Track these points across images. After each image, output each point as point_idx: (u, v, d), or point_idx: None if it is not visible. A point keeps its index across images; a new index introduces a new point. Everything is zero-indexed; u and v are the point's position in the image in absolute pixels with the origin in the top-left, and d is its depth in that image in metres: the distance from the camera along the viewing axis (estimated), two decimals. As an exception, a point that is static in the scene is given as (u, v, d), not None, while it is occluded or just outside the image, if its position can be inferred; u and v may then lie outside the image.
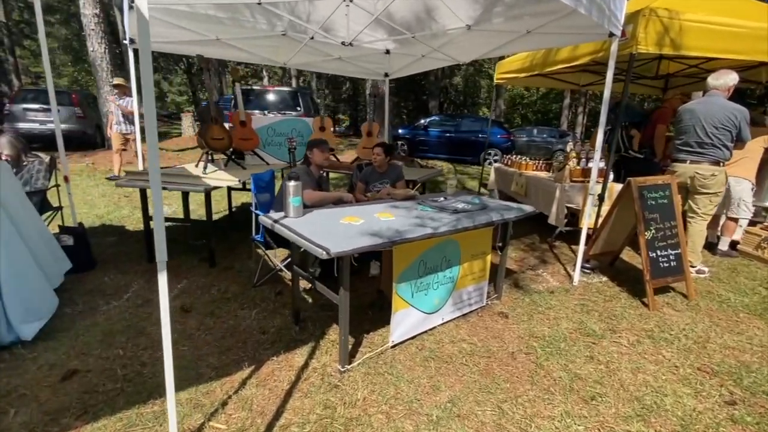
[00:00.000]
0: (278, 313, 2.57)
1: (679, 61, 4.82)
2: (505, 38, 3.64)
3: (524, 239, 4.46)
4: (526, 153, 16.21)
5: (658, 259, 2.94)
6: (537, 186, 4.45)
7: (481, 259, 2.68)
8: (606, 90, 2.91)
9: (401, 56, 4.98)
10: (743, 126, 3.13)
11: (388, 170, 3.58)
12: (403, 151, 11.28)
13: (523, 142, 16.76)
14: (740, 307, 2.94)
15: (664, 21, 3.06)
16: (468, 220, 2.34)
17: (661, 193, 3.02)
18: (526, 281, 3.31)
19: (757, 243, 3.97)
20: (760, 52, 3.26)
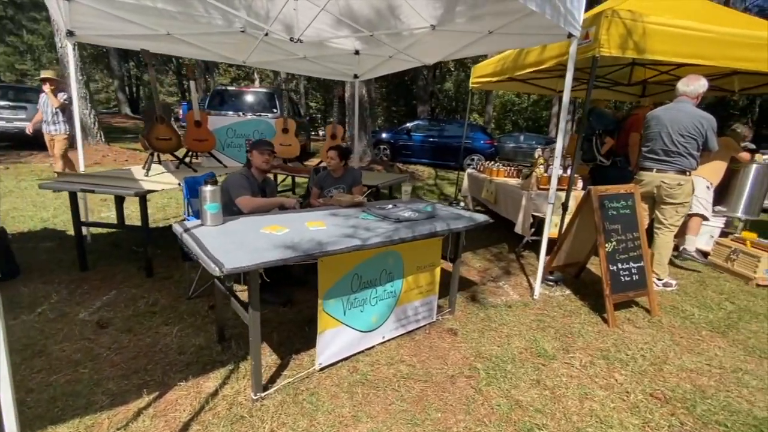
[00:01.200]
0: (204, 331, 2.36)
1: (651, 67, 4.73)
2: (468, 39, 3.50)
3: (492, 248, 4.30)
4: (513, 159, 16.22)
5: (619, 273, 2.79)
6: (506, 193, 4.30)
7: (429, 272, 2.50)
8: (565, 94, 2.76)
9: (370, 57, 4.82)
10: (710, 135, 3.01)
11: (344, 175, 3.39)
12: (385, 155, 11.12)
13: (510, 148, 16.76)
14: (704, 323, 2.79)
15: (627, 23, 2.93)
16: (408, 230, 2.16)
17: (623, 203, 2.87)
18: (485, 294, 3.14)
19: (726, 255, 3.86)
20: (728, 58, 3.15)
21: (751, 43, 3.13)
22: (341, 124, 4.84)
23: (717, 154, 3.86)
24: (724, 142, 3.96)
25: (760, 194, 4.22)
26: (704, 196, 3.90)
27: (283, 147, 4.51)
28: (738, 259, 3.74)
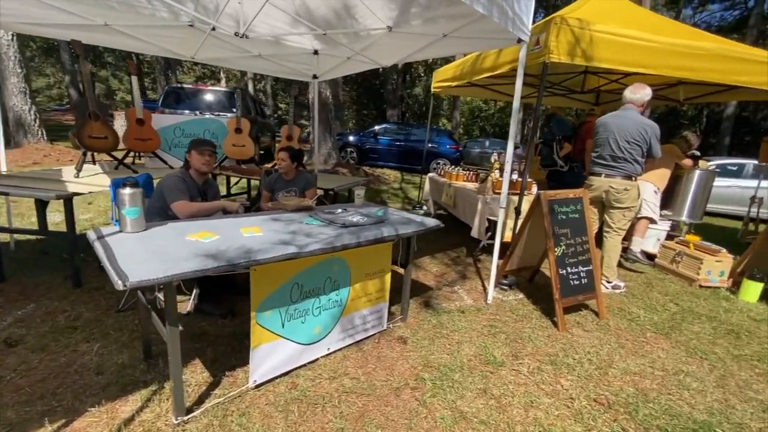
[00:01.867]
0: (129, 347, 2.15)
1: (603, 76, 4.89)
2: (423, 41, 3.45)
3: (450, 252, 4.28)
4: (479, 164, 16.53)
5: (568, 277, 2.81)
6: (463, 197, 4.30)
7: (379, 279, 2.41)
8: (515, 99, 2.75)
9: (329, 57, 4.70)
10: (653, 142, 3.11)
11: (296, 177, 3.26)
12: (352, 158, 11.00)
13: (476, 153, 17.07)
14: (648, 325, 2.86)
15: (575, 31, 2.98)
16: (352, 236, 2.05)
17: (572, 207, 2.90)
18: (439, 299, 3.08)
19: (671, 257, 4.02)
20: (672, 68, 3.27)
21: (694, 53, 3.27)
22: (297, 125, 4.65)
23: (662, 161, 4.02)
24: (668, 149, 4.14)
25: (702, 199, 4.43)
26: (652, 200, 4.05)
27: (235, 148, 4.31)
28: (682, 262, 3.89)
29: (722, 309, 3.24)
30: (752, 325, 2.96)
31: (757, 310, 3.27)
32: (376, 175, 8.97)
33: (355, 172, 8.51)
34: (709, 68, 3.31)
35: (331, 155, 8.60)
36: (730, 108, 18.18)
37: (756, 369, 2.37)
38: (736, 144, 19.44)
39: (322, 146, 8.48)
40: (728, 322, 3.00)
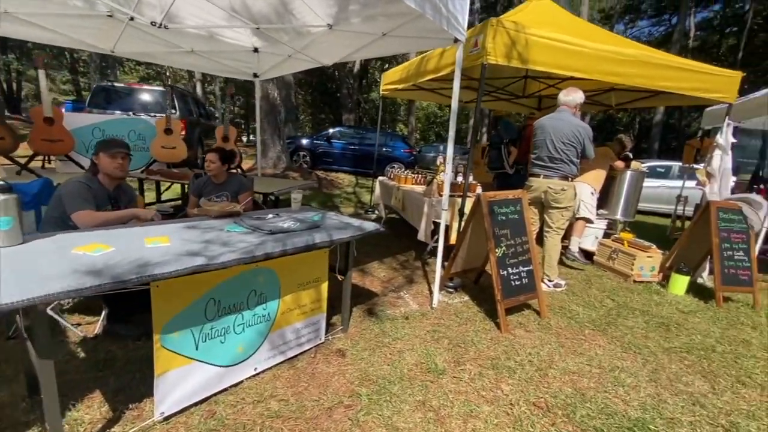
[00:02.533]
0: (15, 381, 1.82)
1: (542, 80, 5.06)
2: (364, 40, 3.36)
3: (399, 256, 4.19)
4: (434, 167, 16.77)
5: (509, 277, 2.80)
6: (411, 200, 4.24)
7: (314, 289, 2.24)
8: (453, 101, 2.71)
9: (270, 56, 4.49)
10: (587, 143, 3.20)
11: (228, 181, 3.02)
12: (305, 162, 10.71)
13: (431, 157, 17.30)
14: (587, 322, 2.91)
15: (511, 33, 3.01)
16: (277, 243, 1.88)
17: (511, 208, 2.90)
18: (384, 306, 2.96)
19: (608, 255, 4.19)
20: (602, 73, 3.39)
21: (621, 59, 3.42)
22: (234, 125, 4.37)
23: (598, 162, 4.20)
24: (603, 152, 4.33)
25: (634, 198, 4.69)
26: (589, 201, 4.20)
27: (165, 150, 3.96)
28: (618, 258, 4.07)
29: (654, 303, 3.39)
30: (680, 318, 3.11)
31: (685, 302, 3.45)
32: (329, 179, 8.77)
33: (306, 176, 8.26)
34: (635, 74, 3.48)
35: (281, 159, 8.29)
36: (658, 115, 19.87)
37: (685, 361, 2.46)
38: (665, 148, 21.24)
39: (271, 149, 8.15)
40: (659, 315, 3.13)
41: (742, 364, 2.48)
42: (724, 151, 3.92)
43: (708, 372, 2.35)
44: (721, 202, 3.70)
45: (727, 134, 3.89)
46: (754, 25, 20.86)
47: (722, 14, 22.80)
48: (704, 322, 3.08)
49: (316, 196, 7.27)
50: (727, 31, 22.90)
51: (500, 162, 4.70)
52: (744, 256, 3.55)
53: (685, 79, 3.65)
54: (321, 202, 6.85)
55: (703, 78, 3.72)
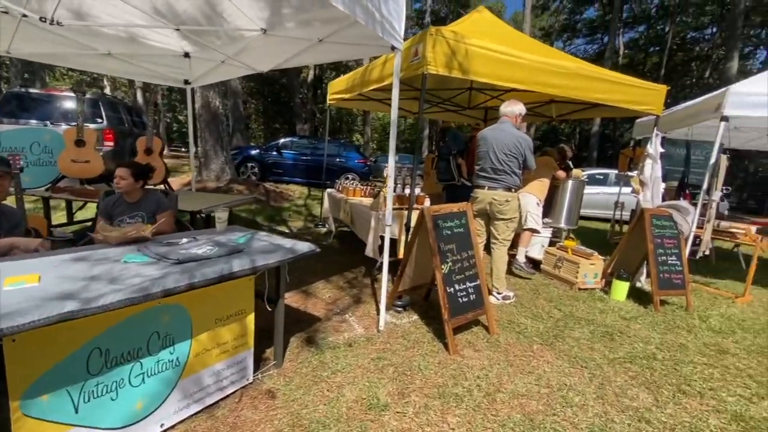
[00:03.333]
0: None
1: (485, 92, 5.12)
2: (300, 46, 3.16)
3: (348, 273, 3.98)
4: (390, 177, 16.75)
5: (456, 294, 2.68)
6: (358, 214, 4.05)
7: (238, 323, 1.97)
8: (393, 110, 2.57)
9: (202, 61, 4.15)
10: (528, 154, 3.20)
11: (143, 200, 2.66)
12: (254, 174, 10.21)
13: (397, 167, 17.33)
14: (535, 336, 2.85)
15: (451, 43, 2.94)
16: (182, 276, 1.60)
17: (456, 222, 2.80)
18: (327, 332, 2.73)
19: (554, 263, 4.24)
20: (540, 84, 3.43)
21: (558, 71, 3.48)
22: (158, 136, 3.96)
23: (541, 172, 4.26)
24: (546, 161, 4.42)
25: (576, 206, 4.82)
26: (535, 212, 4.25)
27: (76, 164, 3.48)
28: (563, 267, 4.12)
29: (598, 311, 3.43)
30: (623, 325, 3.15)
31: (627, 308, 3.53)
32: (279, 192, 8.38)
33: (253, 189, 7.83)
34: (571, 86, 3.56)
35: (225, 171, 7.81)
36: (595, 126, 21.36)
37: (629, 372, 2.44)
38: (603, 156, 22.82)
39: (213, 161, 7.65)
40: (603, 323, 3.15)
41: (681, 370, 2.51)
42: (654, 160, 4.12)
43: (651, 382, 2.34)
44: (654, 209, 3.86)
45: (656, 144, 4.10)
46: (673, 45, 23.21)
47: (646, 35, 25.16)
48: (644, 328, 3.14)
49: (263, 210, 6.89)
50: (650, 50, 25.28)
51: (449, 174, 4.66)
52: (676, 260, 3.71)
53: (617, 92, 3.80)
54: (268, 216, 6.48)
55: (633, 91, 3.90)
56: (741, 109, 3.75)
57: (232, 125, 14.22)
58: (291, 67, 19.28)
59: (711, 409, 2.12)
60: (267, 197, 7.65)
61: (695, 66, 24.44)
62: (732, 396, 2.26)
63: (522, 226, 4.23)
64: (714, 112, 3.96)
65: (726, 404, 2.17)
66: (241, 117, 14.11)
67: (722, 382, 2.41)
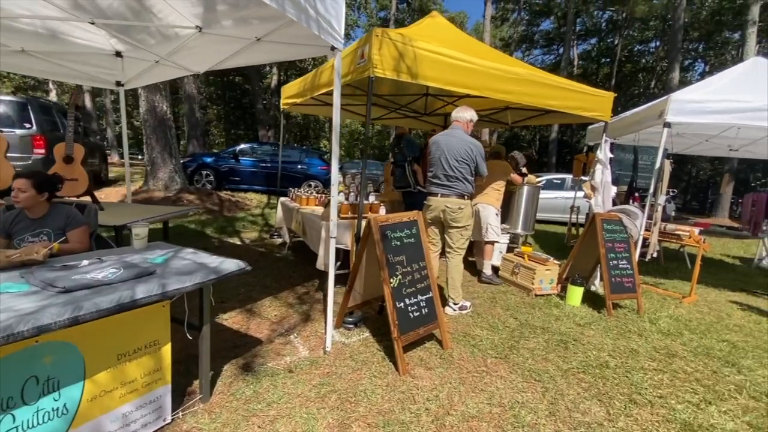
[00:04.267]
0: None
1: (441, 98, 5.08)
2: (237, 45, 2.94)
3: (300, 288, 3.74)
4: (355, 183, 16.59)
5: (407, 309, 2.53)
6: (310, 224, 3.84)
7: (150, 356, 1.71)
8: (335, 115, 2.41)
9: (135, 61, 3.82)
10: (479, 160, 3.12)
11: (49, 214, 2.33)
12: (209, 182, 9.71)
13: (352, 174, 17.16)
14: (490, 349, 2.75)
15: (398, 46, 2.82)
16: (65, 309, 1.34)
17: (407, 232, 2.66)
18: (267, 356, 2.49)
19: (511, 269, 4.20)
20: (492, 90, 3.37)
21: (510, 77, 3.44)
22: (80, 143, 3.57)
23: (496, 178, 4.23)
24: (502, 167, 4.38)
25: (532, 211, 4.84)
26: (495, 224, 4.20)
27: (-22, 176, 3.06)
28: (520, 273, 4.09)
29: (553, 318, 3.40)
30: (577, 332, 3.12)
31: (581, 314, 3.52)
32: (235, 201, 7.99)
33: (206, 199, 7.40)
34: (523, 92, 3.54)
35: (174, 180, 7.33)
36: (553, 133, 22.23)
37: (582, 383, 2.38)
38: (561, 161, 23.77)
39: (161, 169, 7.17)
40: (558, 331, 3.11)
41: (632, 378, 2.48)
42: (604, 166, 4.19)
43: (603, 393, 2.29)
44: (604, 213, 3.91)
45: (605, 150, 4.17)
46: (621, 57, 24.66)
47: (598, 47, 26.61)
48: (598, 334, 3.12)
49: (215, 221, 6.50)
50: (602, 61, 26.75)
51: (405, 181, 4.54)
52: (627, 264, 3.76)
53: (568, 98, 3.83)
54: (219, 228, 6.10)
55: (583, 98, 3.95)
56: (681, 115, 3.89)
57: (188, 131, 13.58)
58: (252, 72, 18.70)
59: (661, 419, 2.08)
60: (220, 207, 7.25)
61: (642, 77, 26.07)
62: (681, 403, 2.23)
63: (484, 240, 4.18)
64: (657, 119, 4.09)
65: (675, 412, 2.14)
66: (197, 123, 13.49)
67: (671, 388, 2.39)
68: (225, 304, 3.28)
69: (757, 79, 4.23)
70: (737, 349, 3.03)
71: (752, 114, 3.67)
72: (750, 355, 2.93)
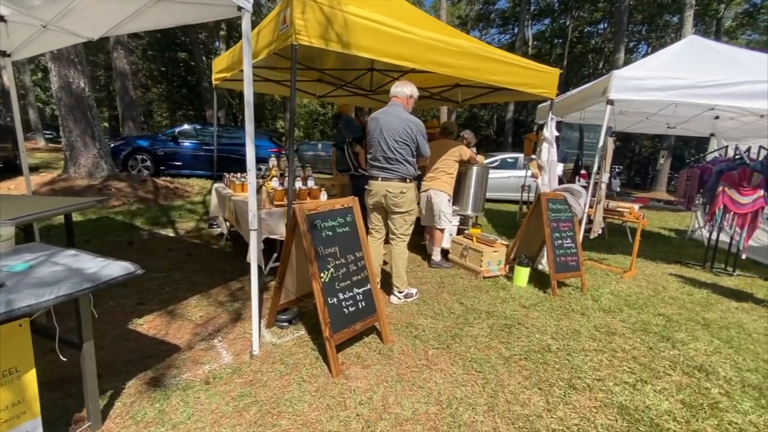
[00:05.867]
0: None
1: (386, 73, 4.80)
2: (132, 6, 2.47)
3: (234, 283, 3.42)
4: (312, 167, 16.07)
5: (341, 305, 2.31)
6: (241, 213, 3.49)
7: (7, 387, 1.38)
8: (246, 90, 2.07)
9: (20, 27, 3.20)
10: (420, 140, 2.91)
11: None
12: (145, 167, 8.89)
13: (309, 156, 16.60)
14: (432, 339, 2.62)
15: (325, 10, 2.50)
16: None
17: (340, 220, 2.42)
18: (183, 366, 2.20)
19: (460, 252, 4.10)
20: (431, 62, 3.13)
21: (451, 50, 3.21)
22: None
23: (448, 161, 4.05)
24: (454, 146, 4.18)
25: (482, 192, 4.74)
26: (447, 210, 4.04)
27: None
28: (468, 255, 4.00)
29: (499, 300, 3.33)
30: (522, 315, 3.07)
31: (527, 295, 3.49)
32: (173, 188, 7.35)
33: (138, 186, 6.73)
34: (467, 66, 3.34)
35: (100, 166, 6.58)
36: (509, 113, 22.60)
37: (523, 371, 2.30)
38: (517, 141, 24.32)
39: (82, 155, 6.39)
40: (503, 315, 3.04)
41: (573, 361, 2.44)
42: (550, 144, 4.14)
43: (544, 380, 2.22)
44: (550, 193, 3.87)
45: (551, 128, 4.11)
46: (573, 38, 25.30)
47: (551, 27, 27.09)
48: (542, 315, 3.09)
49: (147, 210, 5.92)
50: (555, 42, 27.32)
51: (346, 163, 4.26)
52: (571, 243, 3.76)
53: (513, 74, 3.68)
54: (151, 218, 5.55)
55: (528, 74, 3.83)
56: (623, 92, 3.88)
57: (122, 112, 12.37)
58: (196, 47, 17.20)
59: (599, 404, 2.03)
60: (155, 195, 6.63)
61: (591, 58, 26.96)
62: (618, 384, 2.21)
63: (435, 226, 4.03)
64: (601, 96, 4.07)
65: (613, 396, 2.11)
66: (132, 102, 12.30)
67: (610, 369, 2.38)
68: (143, 306, 2.91)
69: (694, 57, 4.31)
70: (672, 323, 3.11)
71: (688, 91, 3.71)
72: (683, 329, 3.01)
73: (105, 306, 2.89)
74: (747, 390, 2.23)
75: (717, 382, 2.30)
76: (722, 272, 4.67)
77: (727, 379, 2.34)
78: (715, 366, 2.47)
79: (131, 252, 4.12)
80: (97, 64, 21.73)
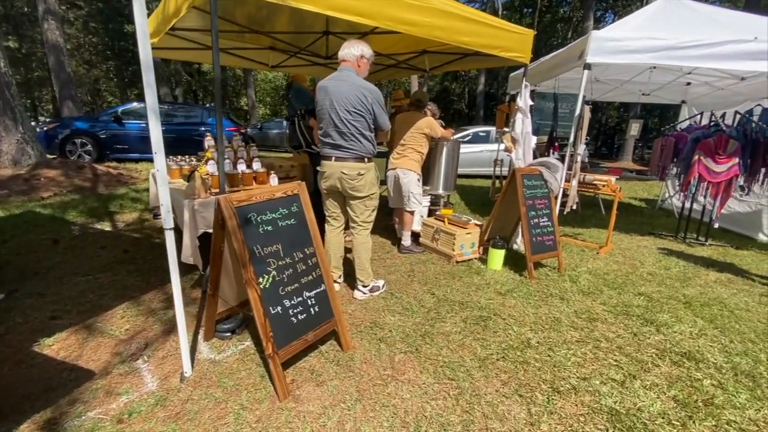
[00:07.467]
0: None
1: (343, 37, 4.27)
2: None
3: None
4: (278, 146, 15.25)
5: (288, 314, 1.93)
6: (175, 203, 3.00)
7: None
8: (141, 51, 1.58)
9: None
10: (377, 110, 2.48)
11: None
12: (86, 152, 8.01)
13: (275, 134, 15.75)
14: (399, 341, 2.30)
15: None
16: None
17: (282, 211, 2.01)
18: (95, 398, 1.78)
19: (431, 235, 3.79)
20: (391, 19, 2.65)
21: (413, 5, 2.74)
22: None
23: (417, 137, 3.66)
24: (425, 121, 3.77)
25: (453, 170, 4.40)
26: (417, 191, 3.68)
27: None
28: (440, 239, 3.69)
29: (474, 288, 3.06)
30: (498, 303, 2.80)
31: (503, 279, 3.23)
32: (116, 174, 6.62)
33: (74, 174, 5.99)
34: (432, 24, 2.88)
35: (26, 152, 5.77)
36: (480, 86, 22.23)
37: (500, 375, 2.02)
38: (489, 114, 24.08)
39: (3, 141, 5.57)
40: (478, 305, 2.76)
41: (555, 357, 2.19)
42: (525, 114, 3.81)
43: (524, 385, 1.95)
44: (525, 168, 3.57)
45: (525, 96, 3.77)
46: (542, 6, 24.86)
47: (516, -5, 26.49)
48: (519, 303, 2.83)
49: (83, 201, 5.24)
50: (524, 11, 26.80)
51: (298, 139, 3.78)
52: (548, 221, 3.50)
53: (484, 35, 3.27)
54: (87, 210, 4.91)
55: (500, 34, 3.42)
56: (602, 55, 3.56)
57: (59, 91, 11.12)
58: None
59: (587, 410, 1.79)
60: (94, 183, 5.92)
61: (560, 27, 26.70)
62: (605, 383, 1.98)
63: (405, 208, 3.67)
64: (578, 60, 3.74)
65: (601, 398, 1.87)
66: (69, 80, 11.05)
67: (595, 364, 2.14)
68: (57, 320, 2.44)
69: (672, 17, 4.03)
70: (653, 302, 2.93)
71: (670, 53, 3.43)
72: (665, 309, 2.83)
73: (9, 323, 2.40)
74: (740, 379, 2.05)
75: (708, 371, 2.11)
76: (695, 242, 4.60)
77: (717, 366, 2.15)
78: (703, 351, 2.29)
79: (55, 252, 3.55)
80: (35, 40, 19.53)
